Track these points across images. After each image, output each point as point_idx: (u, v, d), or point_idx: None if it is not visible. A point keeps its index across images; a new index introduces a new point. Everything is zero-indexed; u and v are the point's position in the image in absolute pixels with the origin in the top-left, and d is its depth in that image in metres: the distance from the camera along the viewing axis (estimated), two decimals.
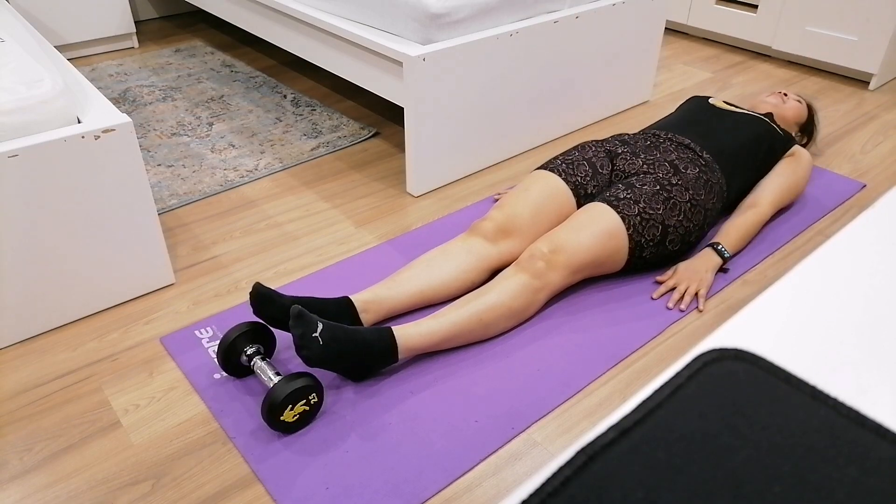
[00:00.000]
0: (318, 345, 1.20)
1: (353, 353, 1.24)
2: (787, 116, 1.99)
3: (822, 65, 2.81)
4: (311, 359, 1.20)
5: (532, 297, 1.42)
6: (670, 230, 1.52)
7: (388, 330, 1.30)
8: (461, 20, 1.82)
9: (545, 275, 1.42)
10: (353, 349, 1.24)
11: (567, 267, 1.44)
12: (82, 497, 1.12)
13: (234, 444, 1.21)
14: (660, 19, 2.36)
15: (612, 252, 1.49)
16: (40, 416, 1.27)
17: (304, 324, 1.21)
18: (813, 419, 0.39)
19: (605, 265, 1.51)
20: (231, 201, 1.91)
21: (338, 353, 1.22)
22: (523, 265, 1.43)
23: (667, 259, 1.59)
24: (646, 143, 1.68)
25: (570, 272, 1.46)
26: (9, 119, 1.29)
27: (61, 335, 1.45)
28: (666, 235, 1.52)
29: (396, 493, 1.12)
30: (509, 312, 1.40)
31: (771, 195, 1.74)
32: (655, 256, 1.55)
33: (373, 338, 1.27)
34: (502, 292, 1.39)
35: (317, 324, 1.22)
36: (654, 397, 0.40)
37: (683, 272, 1.58)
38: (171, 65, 2.82)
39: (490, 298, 1.38)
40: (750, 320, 0.47)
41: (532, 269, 1.42)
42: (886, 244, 0.55)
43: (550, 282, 1.43)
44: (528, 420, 1.25)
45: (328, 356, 1.21)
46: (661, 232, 1.51)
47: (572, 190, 1.60)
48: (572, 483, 0.35)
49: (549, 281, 1.43)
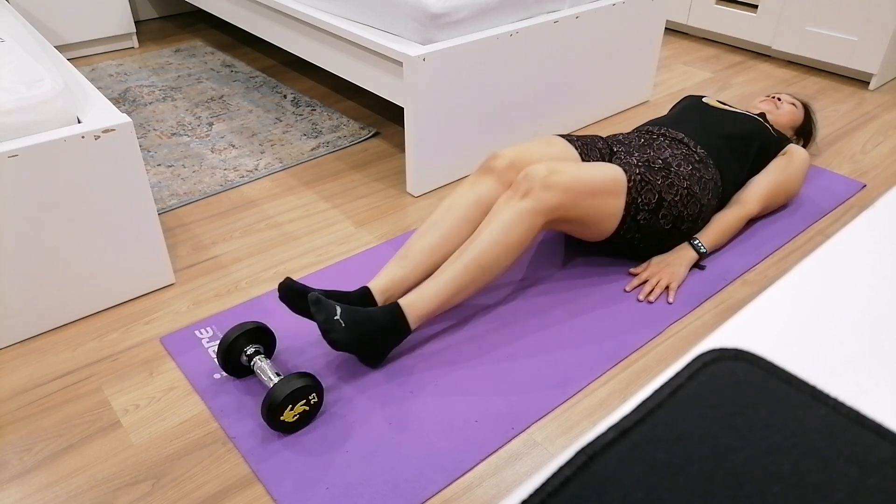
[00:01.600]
0: (341, 327, 1.23)
1: (372, 333, 1.26)
2: (782, 122, 1.98)
3: (822, 65, 2.81)
4: (338, 341, 1.22)
5: (528, 223, 1.36)
6: (665, 204, 1.52)
7: (394, 304, 1.30)
8: (461, 20, 1.82)
9: (540, 194, 1.36)
10: (371, 328, 1.26)
11: (564, 188, 1.38)
12: (82, 497, 1.12)
13: (234, 444, 1.21)
14: (660, 19, 2.36)
15: (609, 195, 1.44)
16: (40, 416, 1.27)
17: (324, 309, 1.23)
18: (813, 419, 0.39)
19: (600, 211, 1.45)
20: (231, 201, 1.91)
21: (360, 333, 1.24)
22: (517, 187, 1.38)
23: (656, 235, 1.56)
24: (640, 141, 1.68)
25: (567, 193, 1.39)
26: (9, 119, 1.29)
27: (61, 335, 1.45)
28: (661, 206, 1.51)
29: (396, 493, 1.12)
30: (507, 248, 1.36)
31: (758, 193, 1.74)
32: (648, 226, 1.52)
33: (383, 315, 1.28)
34: (495, 229, 1.36)
35: (335, 307, 1.24)
36: (654, 397, 0.40)
37: (656, 265, 1.59)
38: (171, 65, 2.82)
39: (484, 240, 1.35)
40: (750, 320, 0.47)
41: (525, 188, 1.37)
42: (887, 244, 0.55)
43: (545, 201, 1.37)
44: (529, 420, 1.25)
45: (352, 338, 1.24)
46: (657, 200, 1.50)
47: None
48: (572, 483, 0.35)
49: (543, 200, 1.37)
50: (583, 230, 1.50)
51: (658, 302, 1.54)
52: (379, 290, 1.38)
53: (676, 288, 1.55)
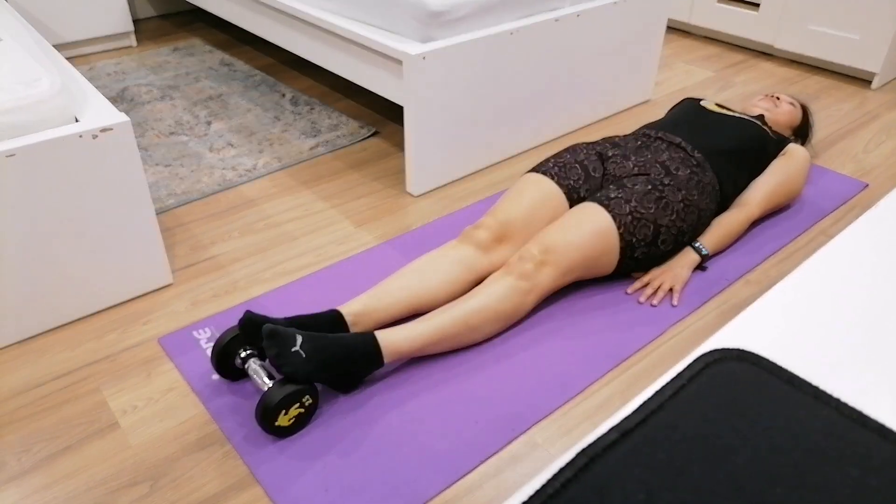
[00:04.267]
0: (300, 358, 1.17)
1: (339, 361, 1.22)
2: (780, 121, 1.97)
3: (825, 64, 2.81)
4: (296, 374, 1.17)
5: (521, 300, 1.40)
6: (662, 230, 1.51)
7: (370, 335, 1.27)
8: (461, 18, 1.81)
9: (534, 276, 1.40)
10: (337, 355, 1.21)
11: (557, 267, 1.43)
12: (80, 498, 1.12)
13: (233, 445, 1.20)
14: (661, 18, 2.35)
15: (602, 252, 1.47)
16: (38, 416, 1.27)
17: (279, 342, 1.17)
18: (815, 420, 0.38)
19: (595, 266, 1.49)
20: (229, 201, 1.91)
21: (322, 362, 1.19)
22: (512, 267, 1.41)
23: (659, 259, 1.57)
24: (636, 144, 1.67)
25: (560, 273, 1.44)
26: (6, 118, 1.28)
27: (59, 335, 1.45)
28: (658, 235, 1.51)
29: (396, 495, 1.11)
30: (496, 315, 1.38)
31: (760, 195, 1.73)
32: (647, 257, 1.53)
33: (356, 343, 1.24)
34: (490, 295, 1.37)
35: (294, 337, 1.19)
36: (655, 398, 0.40)
37: (659, 268, 1.58)
38: (170, 63, 2.81)
39: (477, 302, 1.36)
40: (752, 321, 0.47)
41: (520, 271, 1.40)
42: (889, 244, 0.54)
43: (539, 283, 1.41)
44: (529, 422, 1.25)
45: (313, 368, 1.18)
46: (652, 231, 1.50)
47: (565, 194, 1.58)
48: (573, 484, 0.35)
49: (538, 282, 1.41)
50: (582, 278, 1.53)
51: (660, 303, 1.53)
52: (351, 314, 1.35)
53: (680, 290, 1.55)
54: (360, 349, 1.25)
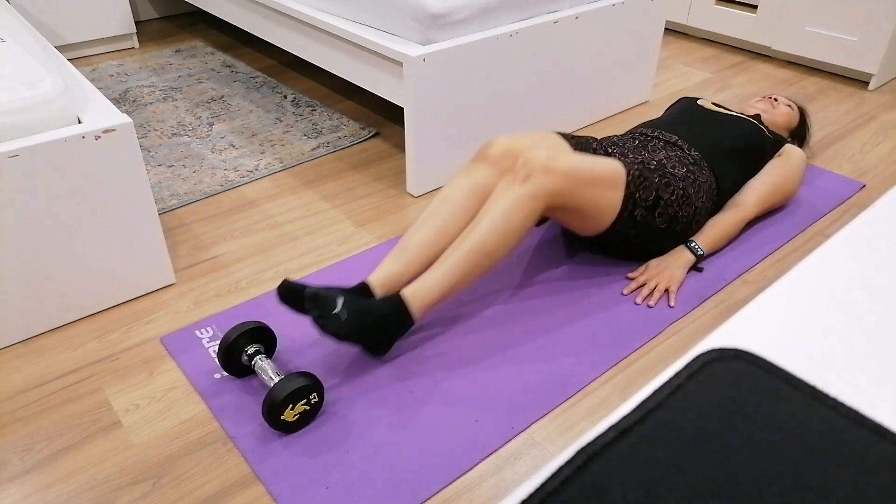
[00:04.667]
0: (341, 320, 1.23)
1: (372, 324, 1.26)
2: (778, 122, 1.98)
3: (822, 65, 2.81)
4: (338, 333, 1.22)
5: (528, 207, 1.36)
6: (661, 203, 1.51)
7: (395, 296, 1.30)
8: (461, 20, 1.82)
9: (540, 178, 1.36)
10: (370, 320, 1.26)
11: (564, 173, 1.38)
12: (82, 497, 1.12)
13: (235, 443, 1.21)
14: (659, 19, 2.36)
15: (608, 186, 1.44)
16: (41, 415, 1.27)
17: (321, 304, 1.23)
18: (812, 419, 0.39)
19: (598, 200, 1.44)
20: (231, 201, 1.92)
21: (360, 325, 1.24)
22: (516, 172, 1.38)
23: (651, 234, 1.55)
24: (634, 143, 1.68)
25: (567, 179, 1.38)
26: (9, 119, 1.29)
27: (62, 335, 1.45)
28: (657, 204, 1.51)
29: (397, 493, 1.12)
30: (507, 233, 1.35)
31: (756, 195, 1.73)
32: (644, 223, 1.52)
33: (385, 307, 1.28)
34: (495, 215, 1.35)
35: (335, 300, 1.24)
36: (653, 397, 0.40)
37: (654, 269, 1.59)
38: (172, 65, 2.82)
39: (484, 226, 1.34)
40: (749, 320, 0.47)
41: (525, 173, 1.36)
42: (886, 244, 0.55)
43: (545, 185, 1.36)
44: (529, 420, 1.26)
45: (353, 329, 1.23)
46: (654, 198, 1.50)
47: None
48: (572, 483, 0.35)
49: (543, 184, 1.36)
50: (580, 222, 1.50)
51: (656, 304, 1.54)
52: (377, 284, 1.36)
53: (676, 291, 1.55)
54: (389, 312, 1.28)
